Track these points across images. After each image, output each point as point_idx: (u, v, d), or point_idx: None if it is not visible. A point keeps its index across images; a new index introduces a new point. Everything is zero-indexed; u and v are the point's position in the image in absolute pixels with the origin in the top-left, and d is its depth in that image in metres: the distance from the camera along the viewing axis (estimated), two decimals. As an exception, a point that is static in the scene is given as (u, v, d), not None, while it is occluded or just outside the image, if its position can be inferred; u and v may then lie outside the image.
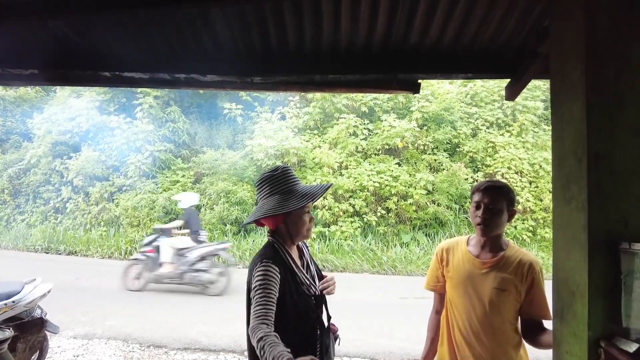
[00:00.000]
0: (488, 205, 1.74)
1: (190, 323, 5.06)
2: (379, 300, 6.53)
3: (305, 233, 1.76)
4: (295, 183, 1.76)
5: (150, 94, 11.92)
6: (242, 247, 9.37)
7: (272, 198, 1.72)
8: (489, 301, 1.75)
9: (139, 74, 2.03)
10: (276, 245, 1.73)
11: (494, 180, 1.85)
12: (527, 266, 1.73)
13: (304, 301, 1.69)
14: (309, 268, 1.85)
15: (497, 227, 1.76)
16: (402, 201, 10.03)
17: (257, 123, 11.42)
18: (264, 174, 1.78)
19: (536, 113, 11.51)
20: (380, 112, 11.50)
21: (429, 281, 2.04)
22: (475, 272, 1.81)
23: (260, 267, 1.61)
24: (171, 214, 10.48)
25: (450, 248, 1.95)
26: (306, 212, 1.75)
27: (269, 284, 1.58)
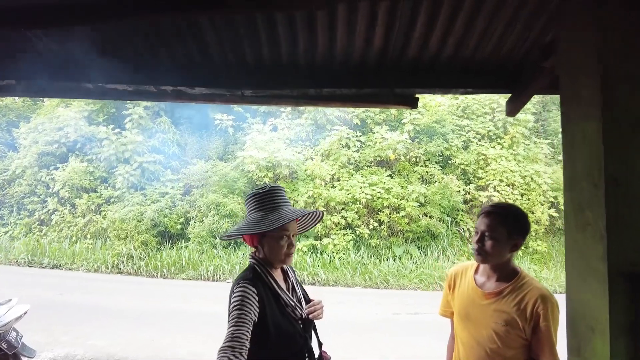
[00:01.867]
0: (484, 232, 1.61)
1: (177, 343, 4.88)
2: (371, 316, 6.39)
3: (283, 258, 1.65)
4: (280, 203, 1.65)
5: (140, 104, 11.76)
6: (232, 261, 9.19)
7: (253, 215, 1.64)
8: (488, 337, 1.61)
9: (123, 85, 1.92)
10: (257, 267, 1.63)
11: (500, 205, 1.69)
12: (534, 301, 1.54)
13: (289, 325, 1.58)
14: (295, 291, 1.74)
15: (493, 257, 1.62)
16: (395, 213, 9.94)
17: (248, 134, 11.31)
18: (252, 192, 1.71)
19: (527, 126, 11.58)
20: (372, 124, 11.48)
21: (442, 306, 1.94)
22: (476, 303, 1.67)
23: (238, 288, 1.52)
24: (159, 227, 10.27)
25: (459, 274, 1.83)
26: (283, 236, 1.63)
27: (244, 305, 1.47)
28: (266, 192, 1.66)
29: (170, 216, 10.46)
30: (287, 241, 1.65)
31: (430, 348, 4.91)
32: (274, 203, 1.65)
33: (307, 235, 9.74)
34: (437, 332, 5.57)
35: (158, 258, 9.58)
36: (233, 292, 1.52)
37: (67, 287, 7.77)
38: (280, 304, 1.60)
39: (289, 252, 1.66)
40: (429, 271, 9.03)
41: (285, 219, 1.58)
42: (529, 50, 1.83)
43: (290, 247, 1.66)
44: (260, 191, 1.67)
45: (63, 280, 8.55)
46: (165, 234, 10.37)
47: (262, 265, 1.63)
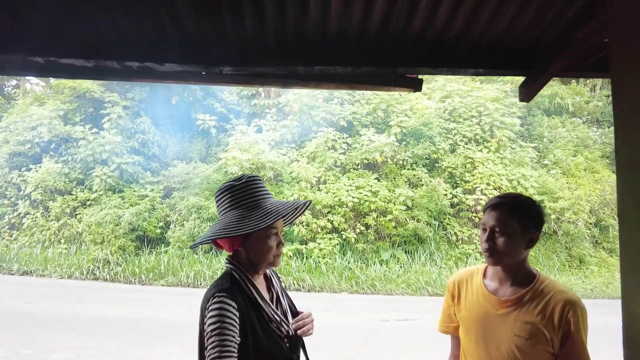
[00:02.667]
0: (494, 228, 1.37)
1: (154, 354, 4.53)
2: (359, 323, 6.15)
3: (272, 260, 1.40)
4: (262, 197, 1.39)
5: (119, 103, 11.34)
6: (214, 267, 8.84)
7: (230, 214, 1.37)
8: (509, 352, 1.34)
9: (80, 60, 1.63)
10: (235, 274, 1.36)
11: (507, 195, 1.44)
12: (562, 307, 1.31)
13: (273, 344, 1.32)
14: (280, 302, 1.47)
15: (507, 256, 1.37)
16: (382, 217, 9.74)
17: (231, 135, 10.99)
18: (225, 184, 1.41)
19: (513, 129, 11.57)
20: (359, 127, 11.29)
21: (442, 321, 1.65)
22: (491, 313, 1.40)
23: (213, 304, 1.26)
24: (138, 231, 9.84)
25: (464, 281, 1.55)
26: (273, 234, 1.38)
27: (224, 327, 1.22)
28: (244, 185, 1.39)
29: (150, 220, 10.04)
30: (276, 240, 1.40)
31: (420, 357, 4.68)
32: (255, 197, 1.39)
33: (292, 239, 9.46)
34: (428, 340, 5.40)
35: (136, 263, 9.17)
36: (207, 308, 1.27)
37: (37, 295, 7.31)
38: (263, 318, 1.34)
39: (279, 252, 1.42)
40: (416, 276, 8.86)
41: (276, 214, 1.33)
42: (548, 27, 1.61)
43: (279, 246, 1.41)
44: (236, 183, 1.40)
45: (33, 287, 8.07)
46: (144, 238, 9.94)
47: (241, 271, 1.37)
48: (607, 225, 10.93)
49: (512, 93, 12.83)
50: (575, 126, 13.31)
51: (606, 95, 15.39)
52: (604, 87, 15.65)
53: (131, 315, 6.08)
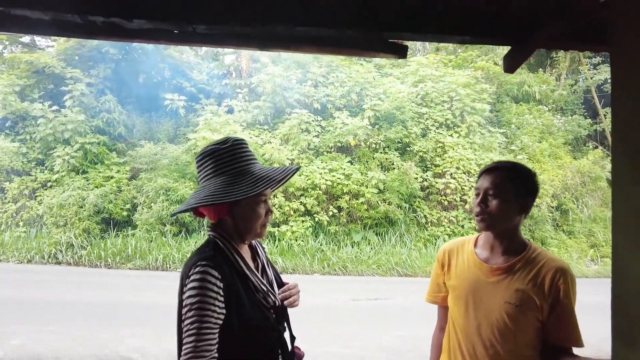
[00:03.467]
0: (487, 190, 1.37)
1: (120, 337, 4.40)
2: (331, 303, 6.19)
3: (259, 230, 1.33)
4: (249, 162, 1.31)
5: (81, 80, 10.76)
6: (183, 250, 8.65)
7: (215, 180, 1.27)
8: (499, 319, 1.34)
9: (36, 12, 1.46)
10: (219, 243, 1.28)
11: (503, 161, 1.45)
12: (553, 274, 1.31)
13: (259, 315, 1.25)
14: (266, 272, 1.41)
15: (500, 220, 1.36)
16: (354, 200, 9.80)
17: (201, 116, 10.67)
18: (207, 147, 1.31)
19: (483, 115, 11.81)
20: (333, 109, 11.23)
21: (430, 291, 1.64)
22: (482, 281, 1.40)
23: (195, 273, 1.17)
24: (103, 213, 9.48)
25: (454, 250, 1.54)
26: (262, 201, 1.31)
27: (205, 300, 1.14)
28: (229, 149, 1.29)
29: (116, 202, 9.69)
30: (265, 207, 1.32)
31: (392, 334, 4.77)
32: (242, 162, 1.30)
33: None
34: (398, 318, 5.51)
35: (102, 247, 8.86)
36: (188, 277, 1.18)
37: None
38: (249, 288, 1.27)
39: (267, 221, 1.35)
40: (387, 257, 9.01)
41: (268, 181, 1.25)
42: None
43: (268, 214, 1.34)
44: (221, 147, 1.29)
45: (-11, 272, 7.65)
46: (110, 220, 9.60)
47: (226, 239, 1.29)
48: (567, 209, 11.44)
49: (483, 79, 13.08)
50: (541, 113, 13.74)
51: (570, 84, 15.94)
52: (568, 76, 16.20)
53: (97, 299, 5.88)
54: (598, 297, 1.43)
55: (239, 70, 12.62)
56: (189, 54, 13.07)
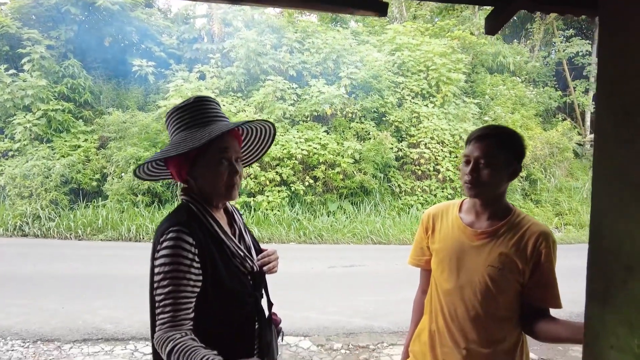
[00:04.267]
0: (479, 159, 1.35)
1: (92, 309, 4.34)
2: (307, 270, 6.28)
3: (223, 191, 1.24)
4: (214, 117, 1.24)
5: (41, 42, 10.09)
6: (156, 220, 8.50)
7: (176, 137, 1.23)
8: (481, 282, 1.37)
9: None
10: (192, 206, 1.22)
11: (492, 127, 1.43)
12: (535, 238, 1.34)
13: (236, 281, 1.22)
14: (243, 238, 1.36)
15: (490, 187, 1.37)
16: (330, 170, 9.81)
17: (172, 82, 10.28)
18: (176, 105, 1.27)
19: (458, 85, 11.85)
20: (309, 77, 11.01)
21: (413, 254, 1.65)
22: (466, 244, 1.42)
23: (168, 240, 1.11)
24: (71, 183, 9.17)
25: (439, 214, 1.55)
26: (221, 160, 1.21)
27: (180, 268, 1.09)
28: (193, 104, 1.24)
29: (84, 172, 9.37)
30: (227, 167, 1.23)
31: (367, 299, 4.90)
32: (206, 117, 1.23)
33: (240, 192, 9.29)
34: (373, 284, 5.66)
35: (71, 218, 8.61)
36: (160, 243, 1.13)
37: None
38: (225, 253, 1.22)
39: (232, 182, 1.25)
40: (361, 226, 9.15)
41: (217, 130, 1.18)
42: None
43: (233, 174, 1.24)
44: (187, 103, 1.25)
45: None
46: (79, 191, 9.31)
47: (199, 203, 1.23)
48: (536, 179, 11.83)
49: (459, 49, 13.04)
50: (515, 85, 13.92)
51: (543, 56, 16.14)
52: (541, 48, 16.36)
53: (68, 272, 5.75)
54: (562, 262, 1.50)
55: (210, 34, 12.11)
56: (157, 17, 12.43)
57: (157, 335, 1.09)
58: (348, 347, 3.74)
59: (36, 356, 3.38)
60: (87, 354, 3.46)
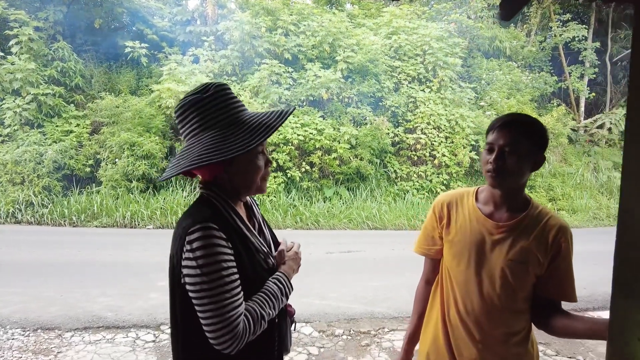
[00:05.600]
0: (503, 147, 1.30)
1: (91, 297, 4.31)
2: (305, 256, 6.22)
3: (260, 184, 1.22)
4: (238, 109, 1.17)
5: (28, 23, 9.80)
6: (152, 206, 8.45)
7: (203, 136, 1.13)
8: (501, 276, 1.34)
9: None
10: (215, 201, 1.16)
11: (517, 114, 1.36)
12: (555, 232, 1.32)
13: (260, 279, 1.19)
14: (263, 232, 1.33)
15: (515, 177, 1.32)
16: (326, 155, 9.76)
17: (165, 65, 10.08)
18: (187, 98, 1.15)
19: (455, 70, 11.77)
20: (305, 61, 10.86)
21: (421, 243, 1.59)
22: (486, 237, 1.37)
23: (200, 238, 1.03)
24: (64, 169, 9.03)
25: (453, 202, 1.48)
26: (259, 152, 1.19)
27: (222, 266, 1.04)
28: (213, 97, 1.13)
29: (77, 157, 9.23)
30: (263, 158, 1.21)
31: (366, 285, 4.93)
32: (231, 111, 1.15)
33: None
34: (371, 269, 5.69)
35: (65, 204, 8.51)
36: (189, 242, 1.05)
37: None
38: (250, 250, 1.18)
39: (267, 173, 1.24)
40: (358, 211, 9.17)
41: (266, 129, 1.13)
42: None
43: (267, 165, 1.23)
44: (203, 96, 1.13)
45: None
46: (72, 177, 9.17)
47: (222, 198, 1.18)
48: (531, 163, 11.87)
49: (456, 33, 12.91)
50: (511, 70, 13.86)
51: (540, 40, 16.04)
52: (538, 33, 16.25)
53: (63, 259, 5.70)
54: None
55: (204, 16, 11.84)
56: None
57: (233, 333, 1.04)
58: (349, 332, 3.77)
59: (37, 345, 3.36)
60: (89, 342, 3.44)
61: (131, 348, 3.39)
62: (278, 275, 1.24)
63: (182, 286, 1.08)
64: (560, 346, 3.62)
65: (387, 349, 3.52)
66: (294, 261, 1.35)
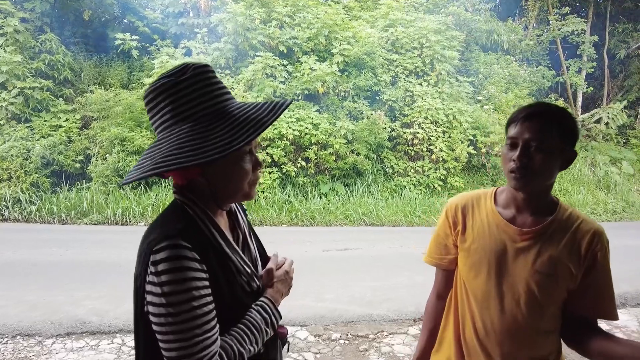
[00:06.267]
0: (529, 142, 1.10)
1: (76, 300, 4.10)
2: (301, 254, 6.10)
3: (247, 190, 1.00)
4: (222, 97, 0.93)
5: (13, 14, 9.49)
6: (143, 203, 8.24)
7: (178, 129, 0.90)
8: (525, 290, 1.16)
9: None
10: (190, 210, 0.94)
11: (543, 104, 1.15)
12: (590, 238, 1.14)
13: (242, 305, 0.98)
14: (248, 246, 1.10)
15: (541, 177, 1.12)
16: (322, 151, 9.57)
17: (156, 58, 9.81)
18: (159, 80, 0.92)
19: (452, 63, 11.58)
20: (300, 53, 10.62)
21: (433, 252, 1.40)
22: (508, 245, 1.19)
23: (166, 259, 0.83)
24: (53, 165, 8.78)
25: (469, 206, 1.29)
26: (247, 153, 0.98)
27: (192, 295, 0.84)
28: (191, 81, 0.90)
29: (67, 153, 8.97)
30: (251, 159, 0.99)
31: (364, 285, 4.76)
32: (214, 98, 0.92)
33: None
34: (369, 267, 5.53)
35: (54, 201, 8.27)
36: (154, 263, 0.84)
37: None
38: (230, 270, 0.97)
39: (256, 178, 1.01)
40: (354, 207, 9.01)
41: (255, 125, 0.89)
42: None
43: (257, 168, 1.01)
44: (180, 79, 0.89)
45: None
46: (62, 173, 8.92)
47: (198, 206, 0.95)
48: (529, 158, 11.75)
49: (454, 26, 12.71)
50: (508, 63, 13.69)
51: (537, 34, 15.87)
52: (535, 26, 16.07)
53: (51, 258, 5.48)
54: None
55: (196, 8, 11.56)
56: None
57: None
58: (347, 336, 3.60)
59: (15, 352, 3.16)
60: (71, 349, 3.25)
61: (116, 355, 3.20)
62: (263, 302, 1.03)
63: (145, 315, 0.88)
64: None
65: (387, 354, 3.36)
66: (282, 283, 1.12)
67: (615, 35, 15.53)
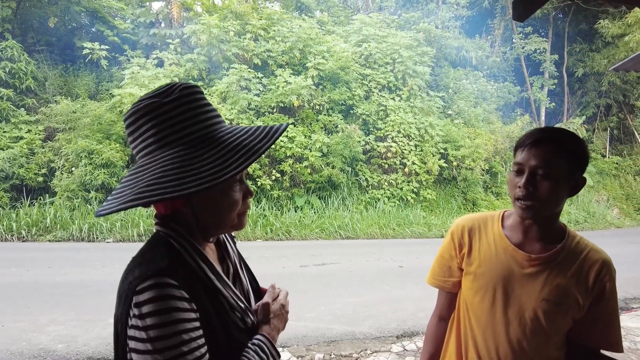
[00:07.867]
0: (536, 169, 1.08)
1: (39, 326, 3.83)
2: (279, 271, 5.99)
3: (237, 220, 0.92)
4: (211, 121, 0.87)
5: (-28, 20, 9.04)
6: (112, 218, 7.89)
7: (162, 155, 0.83)
8: (532, 318, 1.14)
9: None
10: (176, 243, 0.86)
11: (552, 129, 1.13)
12: (598, 269, 1.13)
13: (236, 344, 0.89)
14: (239, 279, 1.01)
15: (549, 205, 1.11)
16: (298, 164, 9.53)
17: (127, 69, 9.55)
18: (142, 101, 0.84)
19: (424, 78, 11.87)
20: (275, 66, 10.61)
21: (436, 274, 1.36)
22: (515, 271, 1.17)
23: (151, 300, 0.75)
24: (13, 179, 8.32)
25: (475, 228, 1.27)
26: (237, 181, 0.89)
27: (185, 335, 0.76)
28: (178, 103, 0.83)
29: (28, 166, 8.53)
30: (241, 190, 0.91)
31: (345, 301, 4.71)
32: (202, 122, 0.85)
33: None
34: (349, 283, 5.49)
35: (13, 217, 7.79)
36: (137, 305, 0.76)
37: None
38: (223, 308, 0.89)
39: (245, 208, 0.93)
40: (330, 220, 8.98)
41: (248, 153, 0.83)
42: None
43: (247, 198, 0.93)
44: (164, 100, 0.83)
45: None
46: (22, 187, 8.46)
47: (184, 238, 0.87)
48: (497, 172, 12.14)
49: (425, 42, 13.06)
50: (477, 79, 14.18)
51: (503, 52, 16.55)
52: (502, 44, 16.77)
53: (10, 279, 5.13)
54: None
55: (169, 19, 11.39)
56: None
57: None
58: (330, 356, 3.52)
59: (-29, 387, 2.91)
60: (35, 380, 3.02)
61: (85, 386, 3.00)
62: (259, 340, 0.94)
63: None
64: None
65: (370, 374, 3.31)
66: (279, 319, 1.04)
67: (572, 55, 16.41)
